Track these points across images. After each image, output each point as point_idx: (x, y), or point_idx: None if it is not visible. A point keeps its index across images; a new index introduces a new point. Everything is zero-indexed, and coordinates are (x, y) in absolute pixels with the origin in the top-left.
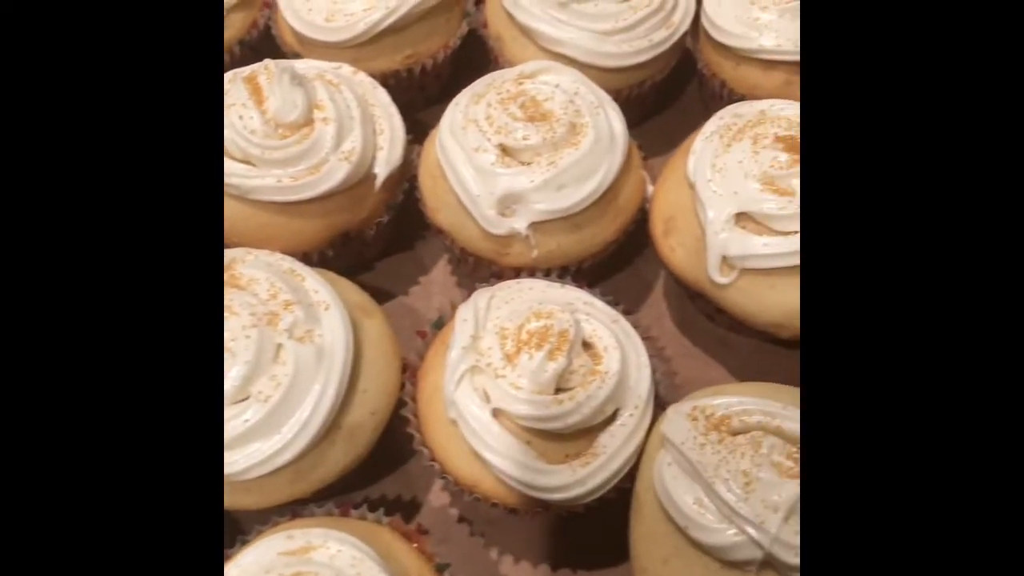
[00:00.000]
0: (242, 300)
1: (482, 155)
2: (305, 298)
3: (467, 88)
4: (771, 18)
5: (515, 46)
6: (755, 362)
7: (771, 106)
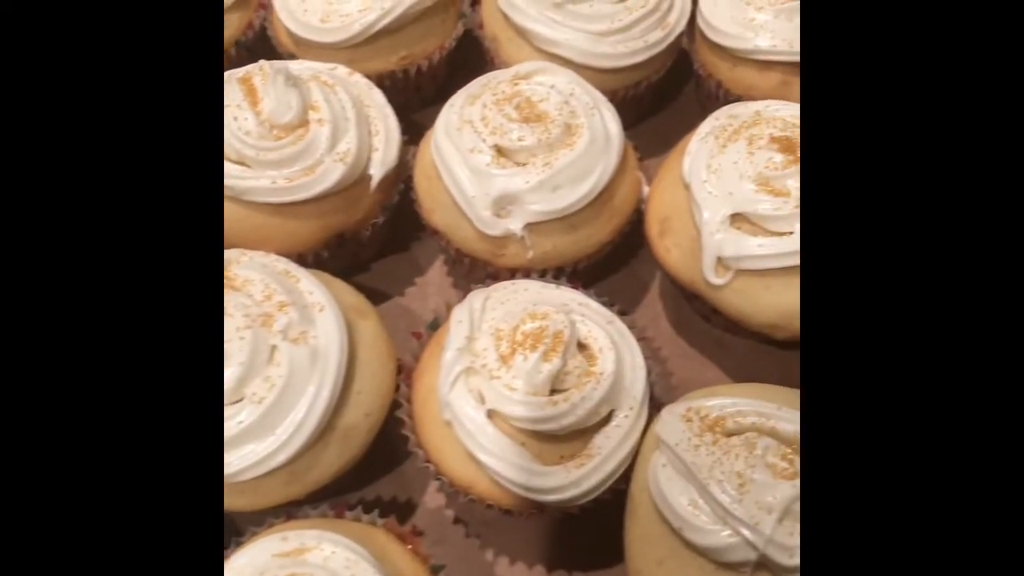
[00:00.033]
0: (236, 301)
1: (477, 156)
2: (300, 299)
3: (462, 89)
4: (767, 19)
5: (511, 47)
6: (751, 363)
7: (766, 107)
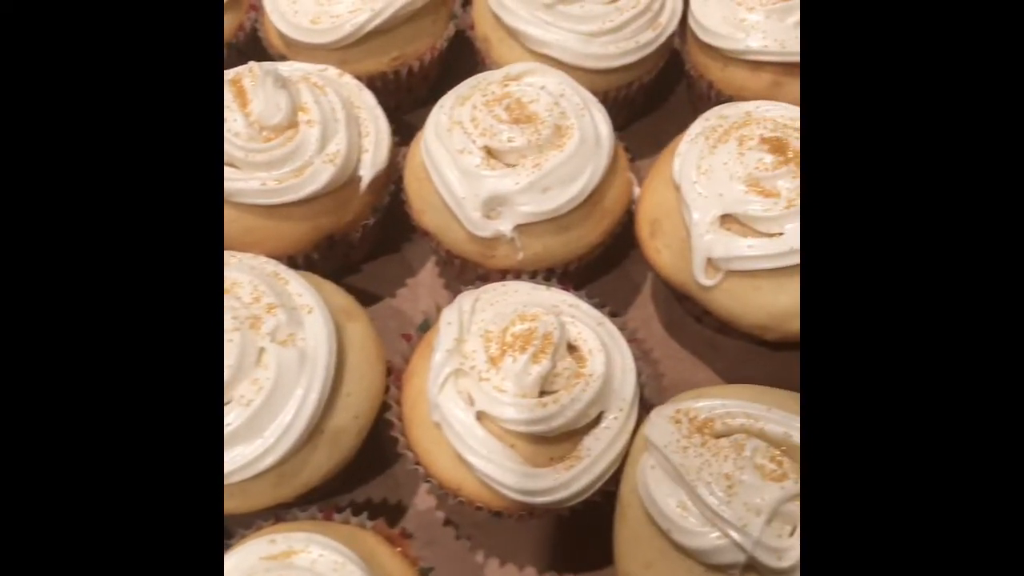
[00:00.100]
0: (225, 304)
1: (467, 157)
2: (288, 301)
3: (452, 90)
4: (758, 19)
5: (502, 48)
6: (743, 364)
7: (757, 107)
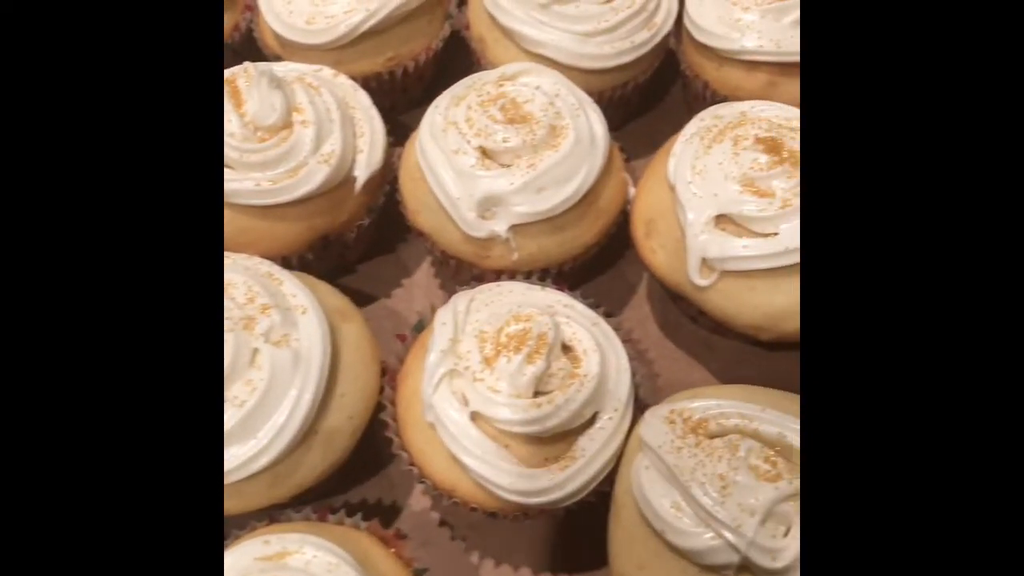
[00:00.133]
0: None
1: (462, 157)
2: (282, 302)
3: (447, 90)
4: (753, 19)
5: (497, 48)
6: (738, 364)
7: (752, 107)
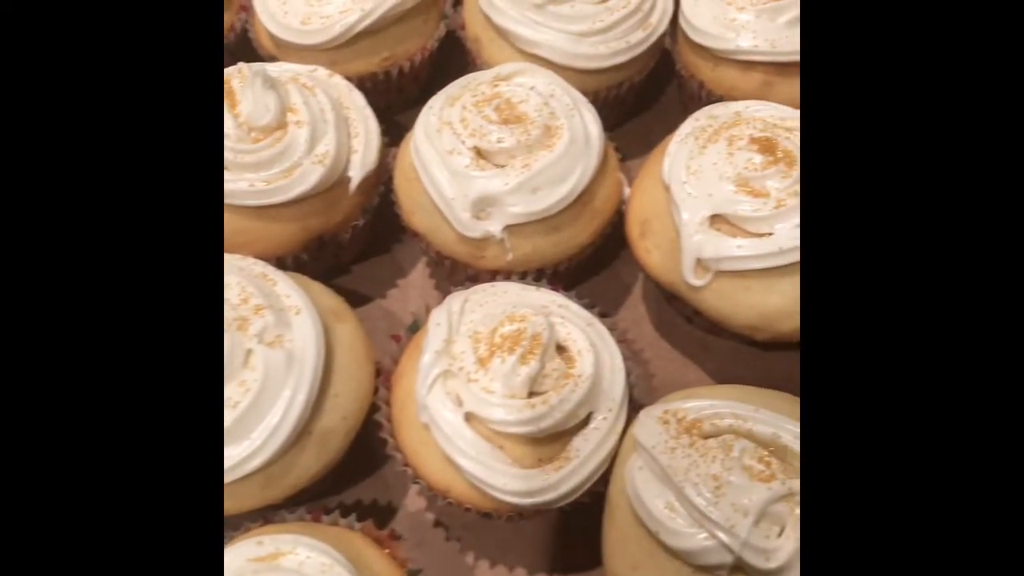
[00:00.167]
0: None
1: (456, 158)
2: (276, 303)
3: (442, 91)
4: (748, 19)
5: (492, 48)
6: (734, 364)
7: (746, 107)
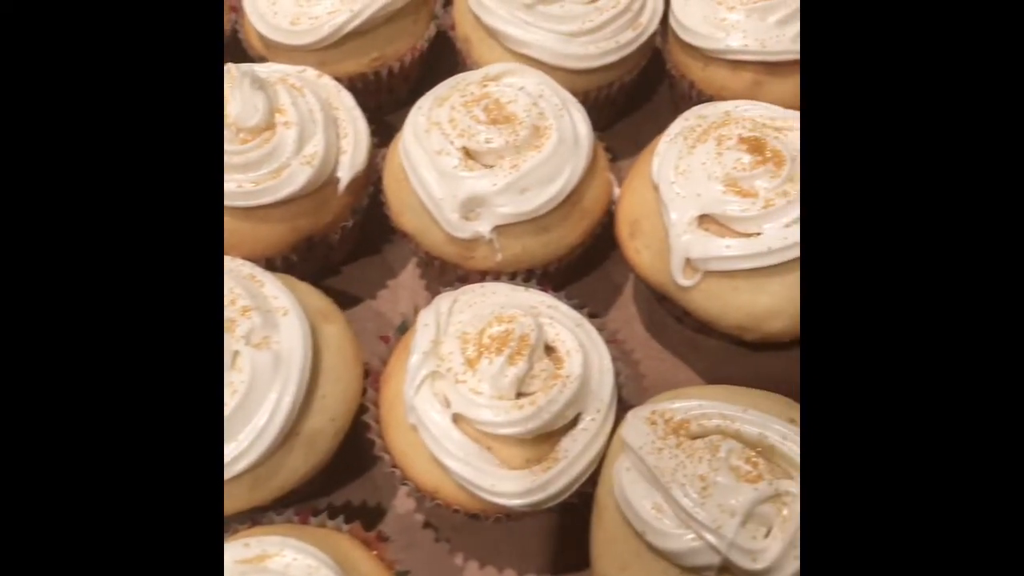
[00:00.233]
0: None
1: (445, 158)
2: (263, 304)
3: (430, 91)
4: (738, 18)
5: (483, 48)
6: (724, 364)
7: (736, 107)
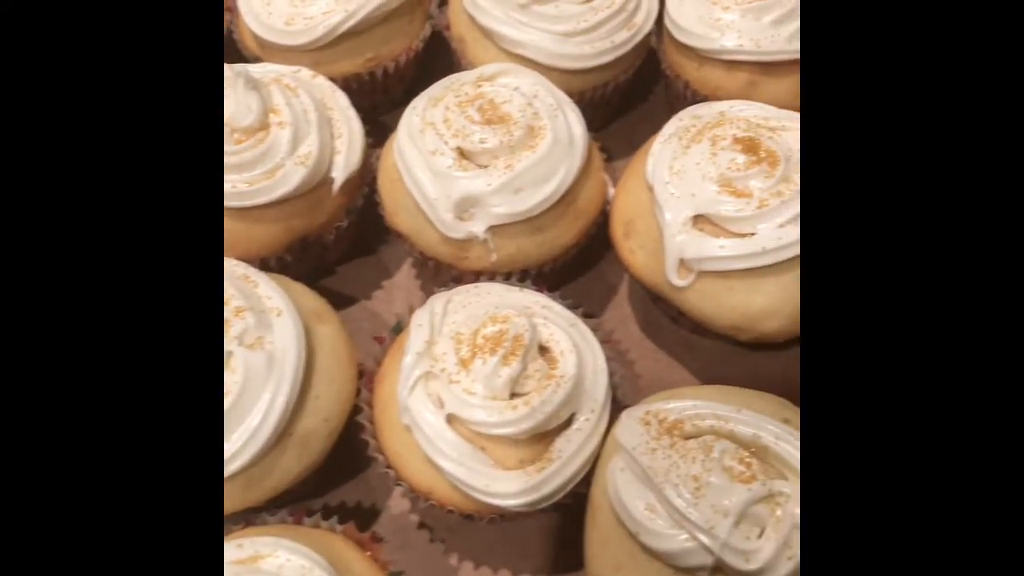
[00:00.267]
0: None
1: (439, 158)
2: (257, 304)
3: (425, 91)
4: (733, 18)
5: (477, 48)
6: (719, 364)
7: (730, 107)
